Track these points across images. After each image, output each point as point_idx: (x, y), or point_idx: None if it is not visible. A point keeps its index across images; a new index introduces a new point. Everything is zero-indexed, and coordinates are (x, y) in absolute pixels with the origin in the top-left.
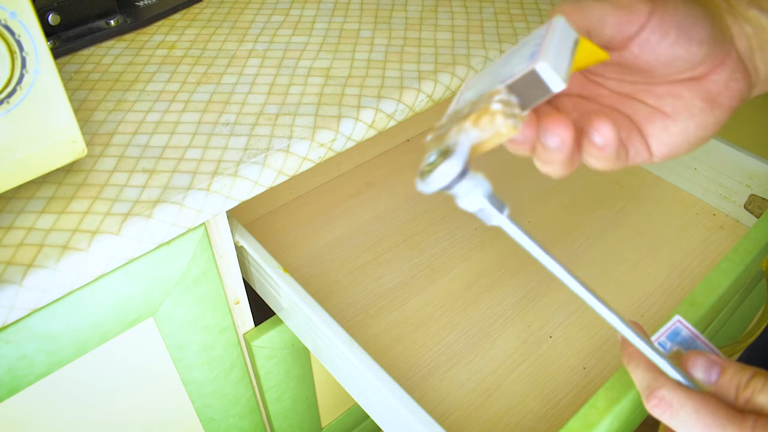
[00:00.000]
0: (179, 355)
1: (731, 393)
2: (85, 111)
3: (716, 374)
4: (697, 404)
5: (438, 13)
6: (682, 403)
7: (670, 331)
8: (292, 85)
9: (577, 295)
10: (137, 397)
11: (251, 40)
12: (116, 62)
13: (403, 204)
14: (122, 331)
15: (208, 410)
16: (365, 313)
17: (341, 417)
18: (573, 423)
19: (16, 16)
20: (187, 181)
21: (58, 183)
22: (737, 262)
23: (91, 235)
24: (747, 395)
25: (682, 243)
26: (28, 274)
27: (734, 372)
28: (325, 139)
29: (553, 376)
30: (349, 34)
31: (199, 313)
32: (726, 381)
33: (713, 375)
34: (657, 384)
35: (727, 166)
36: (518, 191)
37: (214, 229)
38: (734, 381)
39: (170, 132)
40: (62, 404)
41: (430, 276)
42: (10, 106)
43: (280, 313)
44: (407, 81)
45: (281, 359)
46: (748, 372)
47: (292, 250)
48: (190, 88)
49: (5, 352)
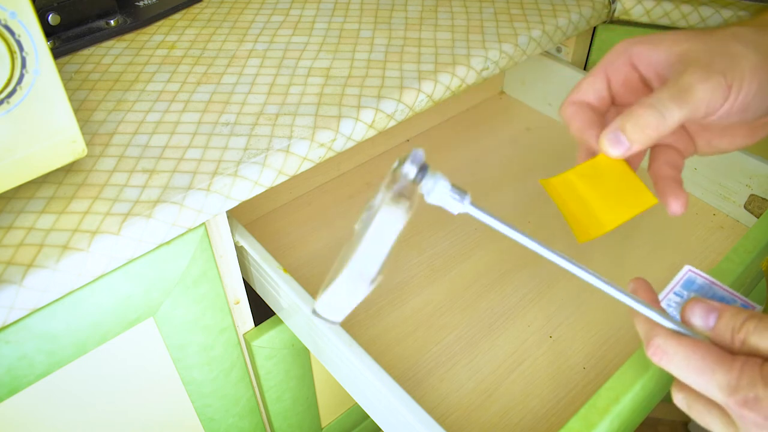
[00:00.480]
0: (179, 355)
1: (727, 337)
2: (85, 111)
3: (713, 319)
4: (689, 350)
5: (438, 13)
6: (675, 350)
7: (683, 281)
8: (292, 85)
9: (562, 268)
10: (137, 397)
11: (251, 40)
12: (116, 62)
13: None
14: (122, 331)
15: (208, 410)
16: (365, 313)
17: (341, 417)
18: (573, 423)
19: (16, 16)
20: (187, 181)
21: (58, 183)
22: (737, 262)
23: (91, 235)
24: (741, 337)
25: (682, 243)
26: (28, 274)
27: (730, 316)
28: (325, 139)
29: (553, 376)
30: (349, 34)
31: (199, 313)
32: (723, 325)
33: (711, 320)
34: (653, 333)
35: (727, 166)
36: (518, 191)
37: (214, 229)
38: (730, 325)
39: (170, 132)
40: (62, 404)
41: (430, 276)
42: (10, 106)
43: (280, 313)
44: (407, 81)
45: (281, 359)
46: (743, 315)
47: (292, 250)
48: (190, 88)
49: (5, 352)
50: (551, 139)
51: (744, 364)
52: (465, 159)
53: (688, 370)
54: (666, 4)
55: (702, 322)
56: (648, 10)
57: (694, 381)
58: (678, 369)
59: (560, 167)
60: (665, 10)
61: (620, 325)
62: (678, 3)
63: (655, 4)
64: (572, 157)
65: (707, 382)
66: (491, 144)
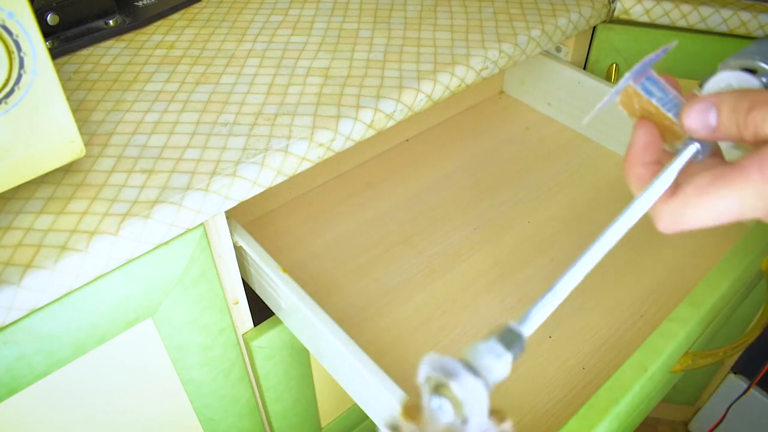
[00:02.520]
0: (178, 356)
1: (733, 132)
2: (83, 111)
3: (714, 117)
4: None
5: (437, 13)
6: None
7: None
8: (290, 85)
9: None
10: (136, 398)
11: (250, 39)
12: (115, 62)
13: (403, 204)
14: (121, 331)
15: (207, 410)
16: (365, 313)
17: (341, 417)
18: (573, 423)
19: (14, 17)
20: (186, 181)
21: (56, 183)
22: (737, 262)
23: (90, 235)
24: (750, 132)
25: (682, 243)
26: (27, 274)
27: (730, 111)
28: (324, 139)
29: (553, 376)
30: (348, 33)
31: (198, 314)
32: (725, 121)
33: (712, 118)
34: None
35: None
36: (518, 191)
37: (213, 229)
38: (733, 120)
39: (169, 132)
40: (61, 405)
41: (430, 276)
42: (8, 107)
43: (279, 313)
44: (406, 81)
45: (281, 359)
46: (744, 106)
47: (291, 251)
48: (189, 88)
49: (4, 353)
50: (551, 139)
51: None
52: (464, 159)
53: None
54: (666, 4)
55: (702, 123)
56: (648, 10)
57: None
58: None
59: (560, 167)
60: (665, 9)
61: (620, 325)
62: (678, 2)
63: (654, 4)
64: (571, 157)
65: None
66: (491, 144)
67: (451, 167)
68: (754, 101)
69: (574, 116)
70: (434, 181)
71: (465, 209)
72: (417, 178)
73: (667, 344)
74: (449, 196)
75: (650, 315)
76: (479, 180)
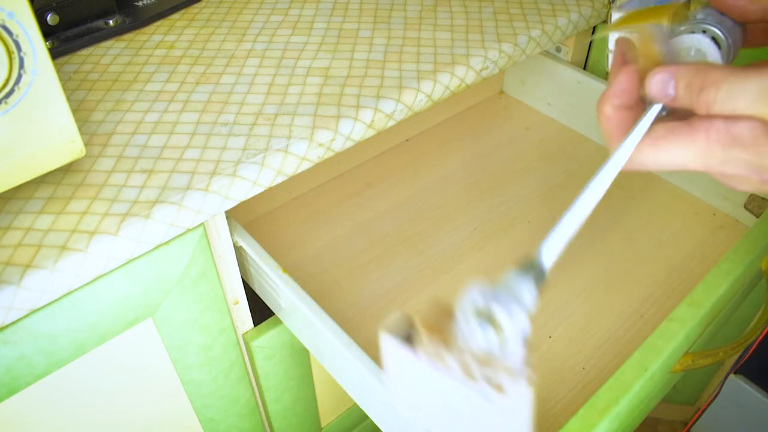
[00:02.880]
0: (178, 356)
1: (688, 105)
2: (83, 111)
3: (673, 89)
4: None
5: (437, 13)
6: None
7: None
8: (290, 84)
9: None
10: (136, 398)
11: (250, 39)
12: (115, 62)
13: (403, 204)
14: (121, 331)
15: (207, 410)
16: (365, 313)
17: (341, 417)
18: (573, 423)
19: (14, 17)
20: (186, 181)
21: (56, 183)
22: (737, 262)
23: (90, 235)
24: (703, 110)
25: (682, 243)
26: (27, 274)
27: (685, 88)
28: (324, 139)
29: (553, 376)
30: (348, 33)
31: (198, 314)
32: (681, 95)
33: (671, 89)
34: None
35: None
36: (518, 191)
37: (213, 229)
38: (687, 96)
39: (169, 132)
40: (61, 405)
41: (430, 276)
42: (8, 107)
43: (280, 313)
44: (406, 81)
45: (281, 359)
46: (696, 85)
47: (291, 251)
48: (189, 88)
49: (4, 353)
50: (551, 139)
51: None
52: (464, 159)
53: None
54: None
55: (662, 92)
56: None
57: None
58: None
59: (560, 167)
60: None
61: (620, 325)
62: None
63: None
64: (571, 157)
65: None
66: (491, 144)
67: (451, 167)
68: (705, 82)
69: (574, 116)
70: (434, 181)
71: (465, 209)
72: (417, 178)
73: (667, 344)
74: (449, 196)
75: (650, 315)
76: (479, 180)
